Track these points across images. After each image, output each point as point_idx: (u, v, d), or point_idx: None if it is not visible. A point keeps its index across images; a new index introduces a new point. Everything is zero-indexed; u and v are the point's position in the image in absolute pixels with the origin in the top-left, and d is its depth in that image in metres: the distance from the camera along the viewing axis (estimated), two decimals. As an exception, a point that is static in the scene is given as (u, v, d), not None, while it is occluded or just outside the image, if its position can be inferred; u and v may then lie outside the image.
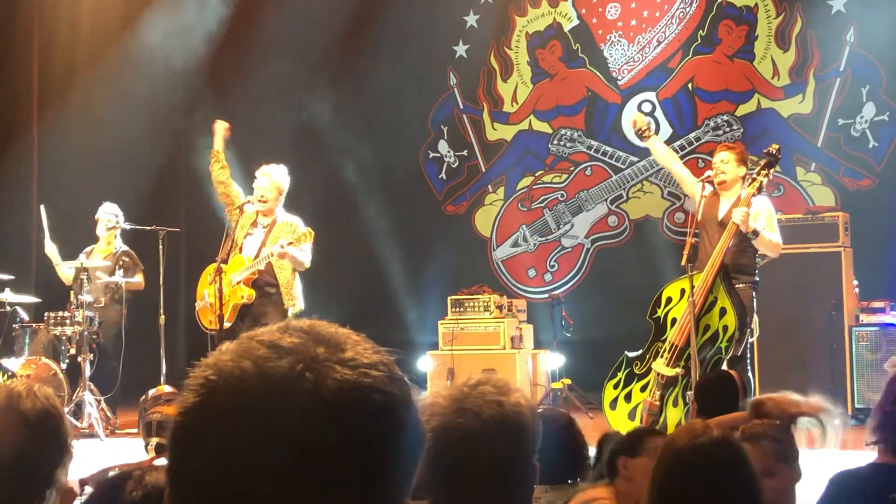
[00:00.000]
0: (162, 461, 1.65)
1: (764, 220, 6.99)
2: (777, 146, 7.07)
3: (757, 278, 7.14)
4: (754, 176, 6.96)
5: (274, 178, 7.80)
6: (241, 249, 7.69)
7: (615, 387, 7.15)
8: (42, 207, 9.71)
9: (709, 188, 7.12)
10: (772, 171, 6.96)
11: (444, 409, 1.97)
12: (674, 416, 6.82)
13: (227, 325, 7.50)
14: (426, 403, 2.00)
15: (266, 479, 0.93)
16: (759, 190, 6.91)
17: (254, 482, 0.94)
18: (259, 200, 7.76)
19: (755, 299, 7.10)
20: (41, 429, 2.47)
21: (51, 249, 9.64)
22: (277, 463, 0.93)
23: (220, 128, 8.12)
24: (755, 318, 7.33)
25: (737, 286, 6.95)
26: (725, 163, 7.13)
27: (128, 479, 1.56)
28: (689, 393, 6.14)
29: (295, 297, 7.67)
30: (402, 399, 1.00)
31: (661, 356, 6.92)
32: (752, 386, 7.28)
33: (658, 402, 6.93)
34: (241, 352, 0.99)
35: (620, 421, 7.03)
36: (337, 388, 0.96)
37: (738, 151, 7.25)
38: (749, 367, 7.13)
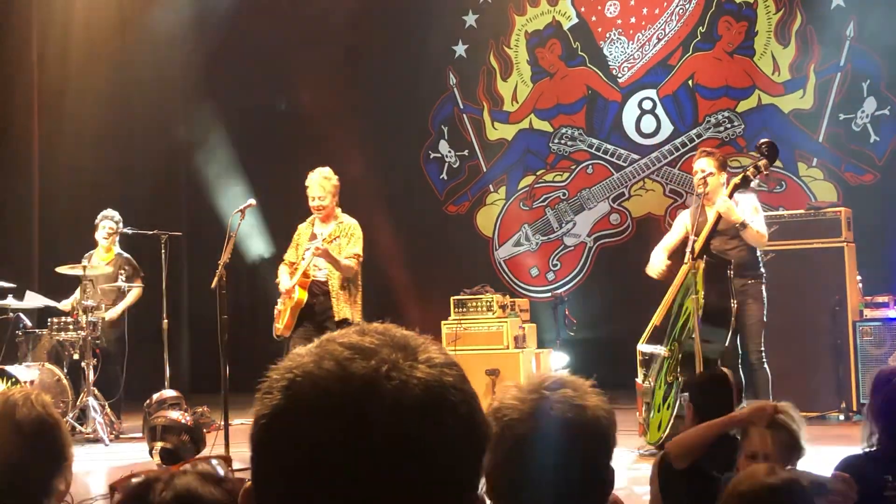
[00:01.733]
0: (187, 466, 1.64)
1: (749, 213, 7.09)
2: (766, 140, 7.07)
3: (762, 270, 7.28)
4: (745, 168, 7.03)
5: (323, 182, 7.74)
6: (302, 259, 7.65)
7: None
8: (28, 293, 9.53)
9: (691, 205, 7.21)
10: (761, 163, 6.87)
11: (521, 413, 1.88)
12: (658, 396, 6.93)
13: (285, 330, 7.52)
14: (495, 407, 1.92)
15: (356, 474, 0.98)
16: (745, 182, 6.90)
17: (344, 478, 0.98)
18: (315, 209, 7.74)
19: (765, 292, 7.26)
20: (35, 438, 2.45)
21: (65, 305, 9.48)
22: (366, 458, 0.98)
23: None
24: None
25: (749, 283, 7.13)
26: (710, 173, 7.11)
27: (156, 482, 1.55)
28: (683, 395, 6.15)
29: (343, 309, 7.55)
30: (474, 396, 1.07)
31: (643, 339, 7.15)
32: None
33: (649, 384, 7.06)
34: (322, 354, 1.04)
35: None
36: (422, 386, 1.02)
37: (718, 157, 7.27)
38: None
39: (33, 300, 9.46)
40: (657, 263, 7.38)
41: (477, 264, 12.18)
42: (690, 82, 11.66)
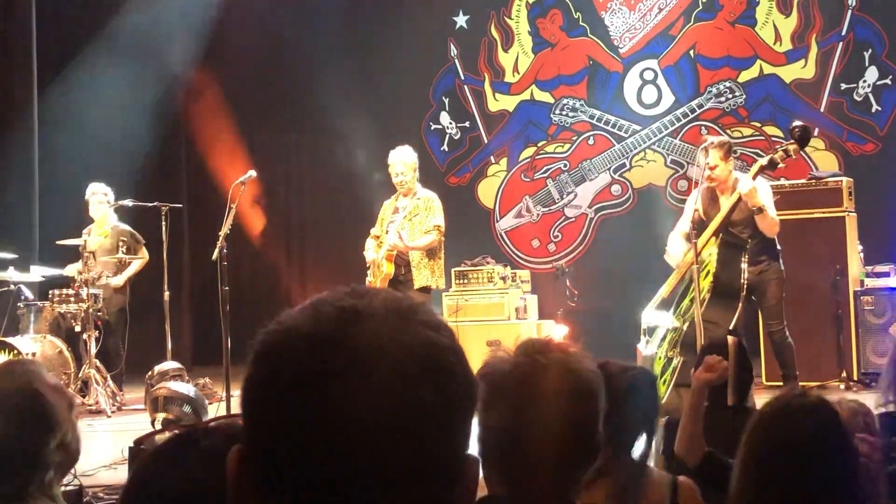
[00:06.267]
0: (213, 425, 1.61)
1: (763, 199, 7.05)
2: (800, 124, 7.03)
3: (778, 248, 7.37)
4: (775, 150, 6.98)
5: (405, 159, 8.19)
6: (387, 232, 8.06)
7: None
8: (32, 267, 9.61)
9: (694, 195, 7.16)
10: (791, 147, 6.90)
11: (513, 377, 1.86)
12: (657, 368, 6.96)
13: None
14: (484, 371, 1.87)
15: (368, 436, 0.96)
16: (772, 165, 6.90)
17: (352, 442, 0.96)
18: (399, 185, 8.22)
19: (782, 266, 7.39)
20: (14, 410, 2.38)
21: (70, 270, 9.45)
22: (374, 422, 0.95)
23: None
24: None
25: (768, 265, 7.22)
26: (712, 167, 7.05)
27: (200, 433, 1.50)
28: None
29: (422, 276, 7.97)
30: (465, 357, 1.04)
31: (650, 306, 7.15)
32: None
33: (650, 353, 7.08)
34: (316, 316, 1.00)
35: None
36: (426, 345, 1.00)
37: (720, 146, 7.13)
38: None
39: (40, 272, 9.46)
40: (677, 253, 7.13)
41: (478, 236, 12.18)
42: (692, 52, 11.62)
